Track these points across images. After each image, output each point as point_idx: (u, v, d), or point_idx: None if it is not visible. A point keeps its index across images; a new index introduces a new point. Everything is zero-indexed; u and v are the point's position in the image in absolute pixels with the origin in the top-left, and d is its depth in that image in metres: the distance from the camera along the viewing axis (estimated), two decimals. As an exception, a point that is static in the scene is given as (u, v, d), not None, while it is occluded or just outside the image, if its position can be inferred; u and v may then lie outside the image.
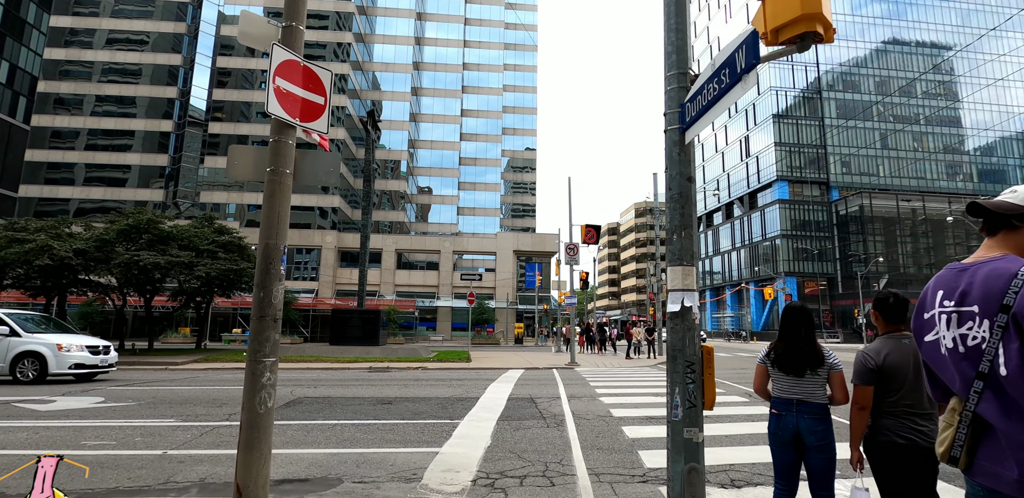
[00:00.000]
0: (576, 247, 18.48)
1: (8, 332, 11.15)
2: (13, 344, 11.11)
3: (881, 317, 2.83)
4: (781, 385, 3.01)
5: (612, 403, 8.69)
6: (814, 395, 2.92)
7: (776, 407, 3.02)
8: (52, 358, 11.13)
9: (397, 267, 50.34)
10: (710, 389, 2.63)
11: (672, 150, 2.76)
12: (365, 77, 55.43)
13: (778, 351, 3.01)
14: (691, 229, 2.68)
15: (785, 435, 2.94)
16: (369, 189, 22.18)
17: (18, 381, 11.08)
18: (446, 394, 9.78)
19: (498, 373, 14.34)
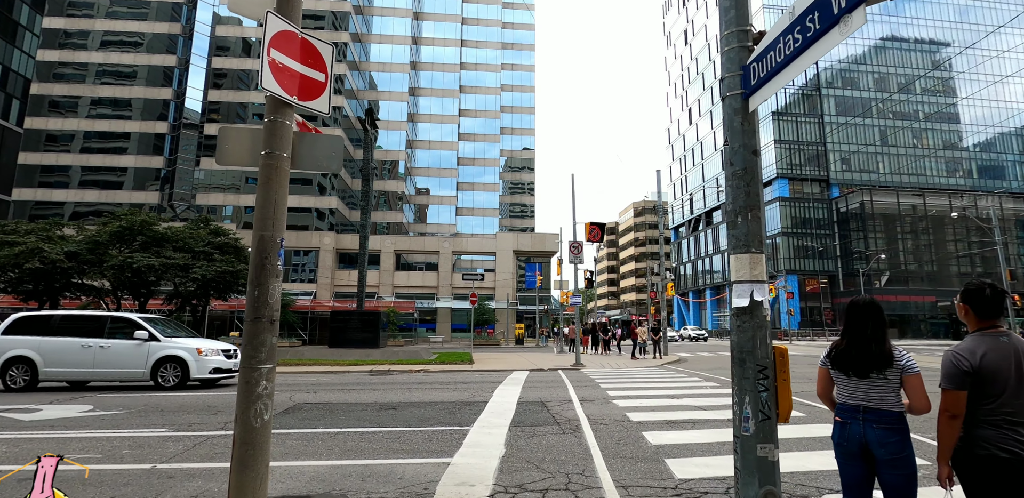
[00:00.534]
0: (580, 245, 18.10)
1: (147, 337, 10.94)
2: (153, 349, 10.93)
3: (972, 311, 2.44)
4: (844, 389, 2.64)
5: (627, 406, 8.30)
6: (885, 401, 2.53)
7: (840, 414, 2.64)
8: (193, 363, 10.99)
9: (396, 268, 49.89)
10: (785, 397, 2.24)
11: (733, 119, 2.37)
12: (362, 77, 55.02)
13: (839, 349, 2.63)
14: (758, 210, 2.30)
15: (851, 446, 2.56)
16: (368, 189, 21.75)
17: (160, 387, 10.95)
18: (452, 398, 9.37)
19: (503, 375, 13.94)
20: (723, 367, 16.53)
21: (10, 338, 10.77)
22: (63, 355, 10.70)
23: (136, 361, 10.82)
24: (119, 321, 11.31)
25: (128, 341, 10.91)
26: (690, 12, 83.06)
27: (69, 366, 10.72)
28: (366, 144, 22.45)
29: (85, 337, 10.85)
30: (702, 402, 8.70)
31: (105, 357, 10.74)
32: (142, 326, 11.08)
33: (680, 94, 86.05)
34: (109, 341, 10.88)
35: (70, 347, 10.73)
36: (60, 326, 11.05)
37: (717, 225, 71.35)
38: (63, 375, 10.88)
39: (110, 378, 11.01)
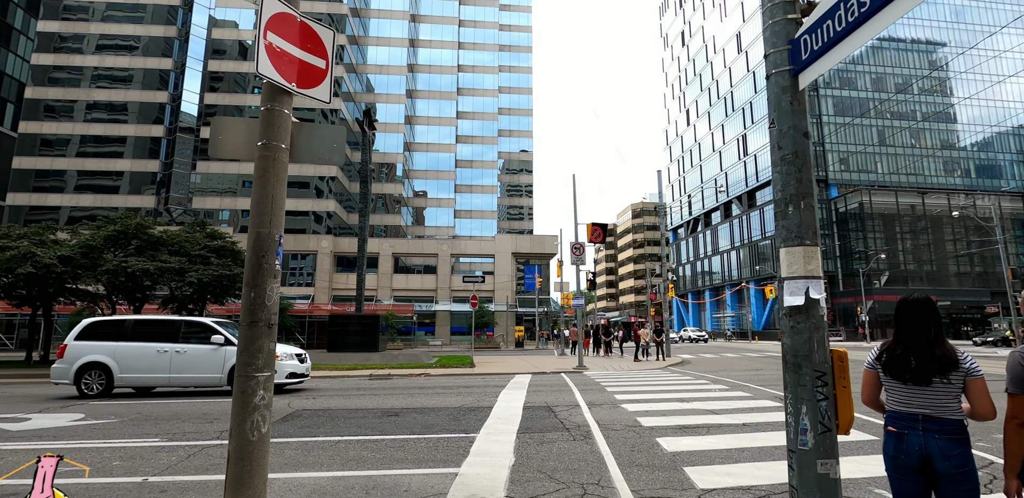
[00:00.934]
0: (582, 246, 17.86)
1: (223, 341, 10.70)
2: (229, 354, 10.64)
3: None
4: (899, 396, 2.37)
5: (637, 411, 8.05)
6: (947, 409, 2.27)
7: (894, 423, 2.36)
8: None
9: (394, 271, 49.59)
10: (845, 407, 2.00)
11: (780, 99, 2.14)
12: (359, 80, 54.83)
13: (893, 353, 2.36)
14: (811, 198, 2.06)
15: (910, 460, 2.28)
16: (366, 191, 21.50)
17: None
18: (456, 403, 9.11)
19: (506, 379, 13.68)
20: (728, 369, 16.29)
21: (84, 344, 10.58)
22: (139, 361, 10.53)
23: (212, 366, 10.60)
24: (192, 325, 11.09)
25: (204, 346, 10.68)
26: (687, 13, 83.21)
27: (145, 372, 10.55)
28: (364, 146, 22.24)
29: (159, 342, 10.66)
30: (714, 406, 8.45)
31: (181, 362, 10.54)
32: (217, 330, 10.83)
33: (678, 95, 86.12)
34: (184, 346, 10.65)
35: (145, 352, 10.55)
36: (134, 331, 10.85)
37: (716, 226, 71.25)
38: (139, 381, 10.71)
39: (186, 384, 10.82)
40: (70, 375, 10.34)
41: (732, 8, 69.33)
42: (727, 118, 70.08)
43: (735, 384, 11.64)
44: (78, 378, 10.36)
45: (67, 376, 10.38)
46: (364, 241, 21.56)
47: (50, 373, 10.71)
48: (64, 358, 10.48)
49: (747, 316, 60.00)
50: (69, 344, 10.58)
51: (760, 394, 9.88)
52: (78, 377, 10.36)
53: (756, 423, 6.96)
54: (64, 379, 10.40)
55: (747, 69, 65.57)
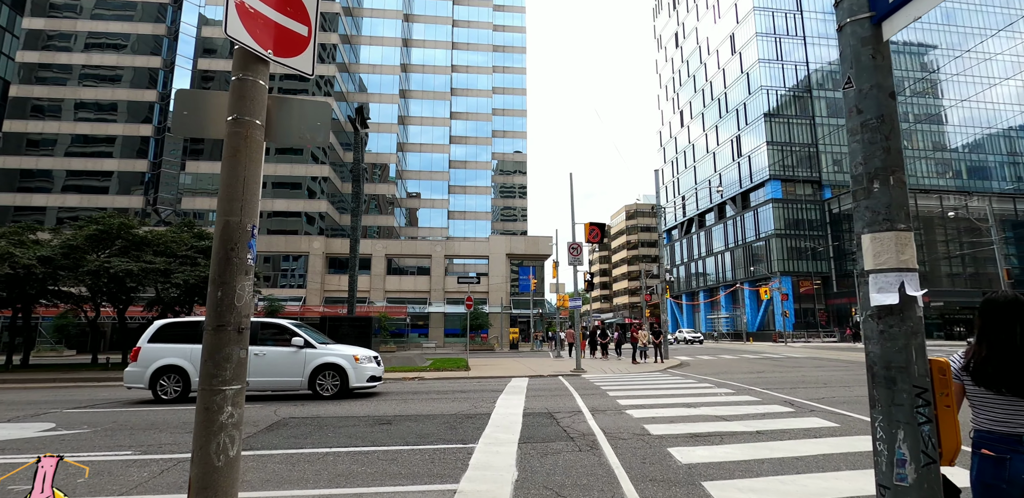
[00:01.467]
0: (580, 247, 17.48)
1: (303, 344, 10.41)
2: (310, 357, 10.37)
3: None
4: (997, 413, 1.99)
5: (643, 417, 7.65)
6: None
7: (990, 446, 1.99)
8: (352, 371, 10.41)
9: (387, 273, 49.04)
10: (950, 431, 1.61)
11: (859, 52, 1.75)
12: (352, 79, 54.28)
13: (981, 359, 2.00)
14: (901, 172, 1.68)
15: (1012, 489, 1.91)
16: (358, 190, 21.03)
17: (317, 396, 10.37)
18: (451, 410, 8.68)
19: (502, 383, 13.25)
20: (729, 372, 15.95)
21: (158, 346, 10.25)
22: None
23: (294, 369, 10.28)
24: (270, 327, 10.77)
25: (284, 348, 10.37)
26: (680, 15, 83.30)
27: None
28: (356, 144, 21.79)
29: None
30: (722, 411, 8.07)
31: (261, 365, 10.18)
32: (296, 332, 10.54)
33: (672, 97, 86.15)
34: (264, 348, 10.32)
35: None
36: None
37: (710, 227, 71.20)
38: None
39: (266, 387, 10.47)
40: (145, 379, 10.02)
41: (726, 9, 69.40)
42: (721, 119, 70.10)
43: (740, 388, 11.28)
44: (153, 382, 10.05)
45: (142, 380, 10.06)
46: (356, 242, 21.08)
47: (123, 377, 10.36)
48: (138, 361, 10.15)
49: (741, 317, 59.89)
50: (143, 347, 10.24)
51: (768, 399, 9.51)
52: (153, 381, 10.05)
53: (771, 431, 6.58)
54: (138, 383, 10.07)
55: (740, 70, 65.61)
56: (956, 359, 2.13)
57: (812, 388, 11.09)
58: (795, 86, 61.93)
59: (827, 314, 56.54)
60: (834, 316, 55.94)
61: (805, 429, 6.67)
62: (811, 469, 4.90)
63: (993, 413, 2.01)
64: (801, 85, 61.96)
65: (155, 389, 10.04)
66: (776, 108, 61.17)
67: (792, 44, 62.96)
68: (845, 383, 12.03)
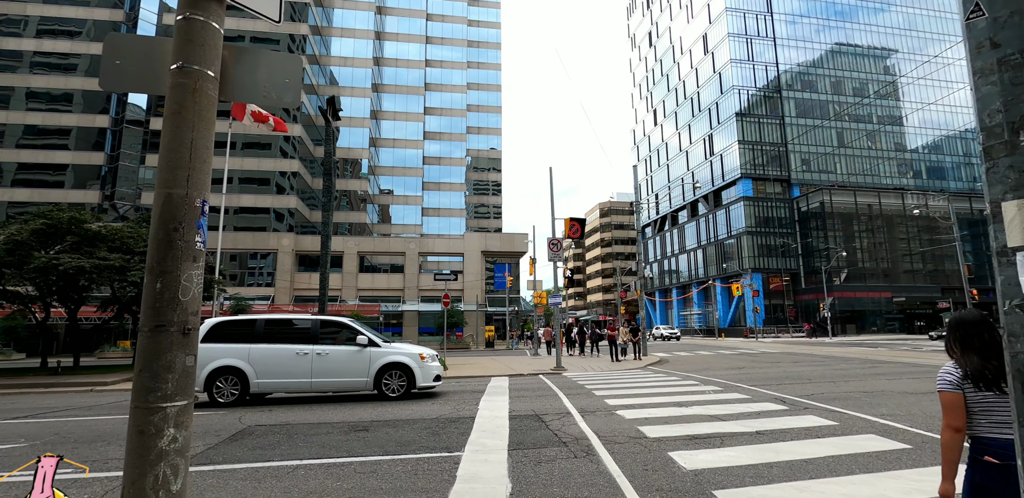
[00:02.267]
0: (560, 243, 17.12)
1: (367, 342, 9.97)
2: (375, 356, 9.96)
3: None
4: (1001, 415, 2.07)
5: (635, 418, 7.30)
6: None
7: (995, 453, 2.04)
8: (418, 370, 10.02)
9: (359, 270, 47.97)
10: None
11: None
12: (323, 72, 52.82)
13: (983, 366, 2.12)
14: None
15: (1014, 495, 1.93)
16: (330, 184, 20.20)
17: (383, 397, 9.94)
18: (433, 413, 8.18)
19: (483, 383, 12.79)
20: (711, 368, 15.84)
21: (214, 346, 9.64)
22: (276, 364, 9.66)
23: (358, 369, 9.84)
24: (330, 325, 10.26)
25: (347, 347, 9.92)
26: (654, 14, 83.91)
27: (283, 376, 9.68)
28: (328, 136, 20.93)
29: (296, 343, 9.80)
30: (715, 410, 7.79)
31: (324, 365, 9.73)
32: (359, 331, 10.13)
33: (645, 95, 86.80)
34: (327, 348, 9.84)
35: (283, 355, 9.68)
36: (267, 332, 9.92)
37: (683, 225, 72.02)
38: (277, 386, 9.82)
39: (329, 388, 10.00)
40: (200, 381, 9.41)
41: (699, 10, 70.14)
42: (693, 118, 70.90)
43: (727, 385, 11.08)
44: (209, 384, 9.48)
45: (197, 382, 9.26)
46: (328, 238, 20.25)
47: None
48: None
49: (713, 314, 60.75)
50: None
51: (758, 396, 9.30)
52: (209, 383, 9.48)
53: (771, 431, 6.30)
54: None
55: (713, 70, 66.40)
56: (944, 375, 2.22)
57: (798, 384, 10.96)
58: (765, 86, 63.00)
59: (796, 310, 57.82)
60: (802, 312, 57.22)
61: (805, 428, 6.41)
62: (823, 473, 4.60)
63: (996, 416, 2.08)
64: (771, 86, 63.07)
65: (211, 391, 9.50)
66: (747, 108, 62.13)
67: (762, 45, 64.01)
68: (829, 378, 11.97)
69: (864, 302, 55.29)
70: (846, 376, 12.44)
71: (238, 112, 21.14)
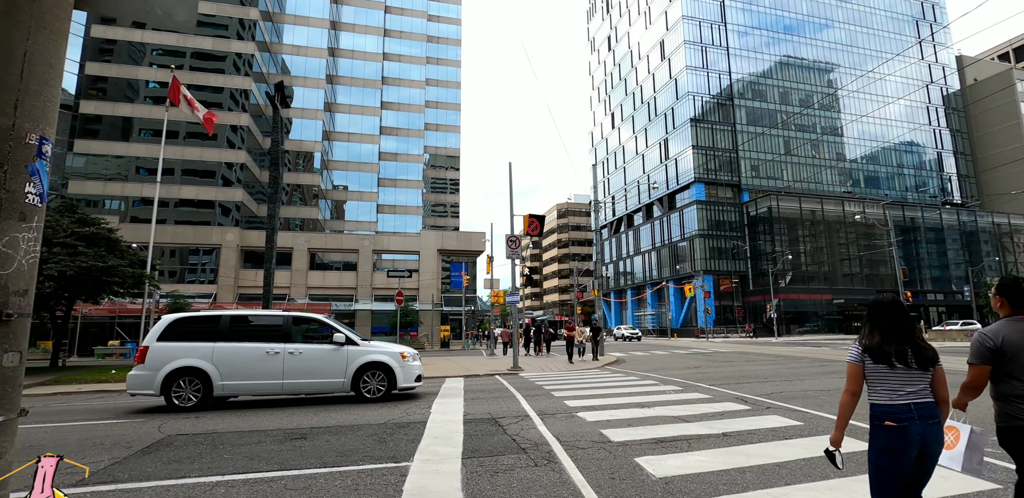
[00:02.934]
0: (518, 239, 16.69)
1: (344, 340, 9.18)
2: (353, 355, 9.16)
3: (1008, 302, 2.80)
4: (893, 384, 2.58)
5: (597, 420, 6.93)
6: (929, 396, 2.59)
7: (890, 416, 2.54)
8: (399, 370, 9.28)
9: (310, 268, 46.19)
10: None
11: None
12: (274, 60, 50.58)
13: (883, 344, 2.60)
14: None
15: (911, 450, 2.49)
16: (276, 174, 19.06)
17: (362, 399, 9.16)
18: (380, 418, 7.55)
19: (436, 384, 12.20)
20: (667, 367, 15.80)
21: (170, 345, 8.71)
22: (244, 365, 8.74)
23: (335, 369, 9.05)
24: (303, 322, 9.48)
25: (323, 346, 9.13)
26: (613, 19, 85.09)
27: (251, 378, 8.77)
28: (275, 124, 19.77)
29: (267, 342, 8.93)
30: (678, 411, 7.52)
31: (297, 365, 8.90)
32: (335, 328, 9.35)
33: (604, 98, 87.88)
34: (300, 346, 9.00)
35: (251, 354, 8.79)
36: (233, 329, 8.99)
37: (638, 227, 73.25)
38: (244, 389, 8.86)
39: (302, 390, 9.15)
40: (155, 384, 8.52)
41: (656, 16, 71.56)
42: (650, 123, 72.25)
43: (686, 384, 10.92)
44: (167, 387, 8.55)
45: (151, 385, 8.54)
46: (273, 231, 19.12)
47: (126, 382, 8.61)
48: (145, 363, 8.58)
49: (667, 314, 62.02)
50: (151, 346, 8.69)
51: (719, 395, 9.14)
52: (167, 386, 8.55)
53: (736, 432, 6.05)
54: (147, 389, 8.54)
55: (669, 76, 67.85)
56: (855, 347, 2.67)
57: (756, 383, 10.93)
58: (719, 94, 64.87)
59: (744, 311, 59.72)
60: (750, 313, 59.17)
61: (771, 429, 6.19)
62: (798, 478, 4.32)
63: (889, 384, 2.54)
64: (724, 93, 64.99)
65: (169, 395, 8.58)
66: (701, 114, 63.80)
67: (717, 54, 65.89)
68: (784, 377, 12.04)
69: (806, 303, 57.67)
70: (800, 374, 12.57)
71: (174, 95, 19.71)
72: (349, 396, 9.68)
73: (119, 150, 42.17)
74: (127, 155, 42.40)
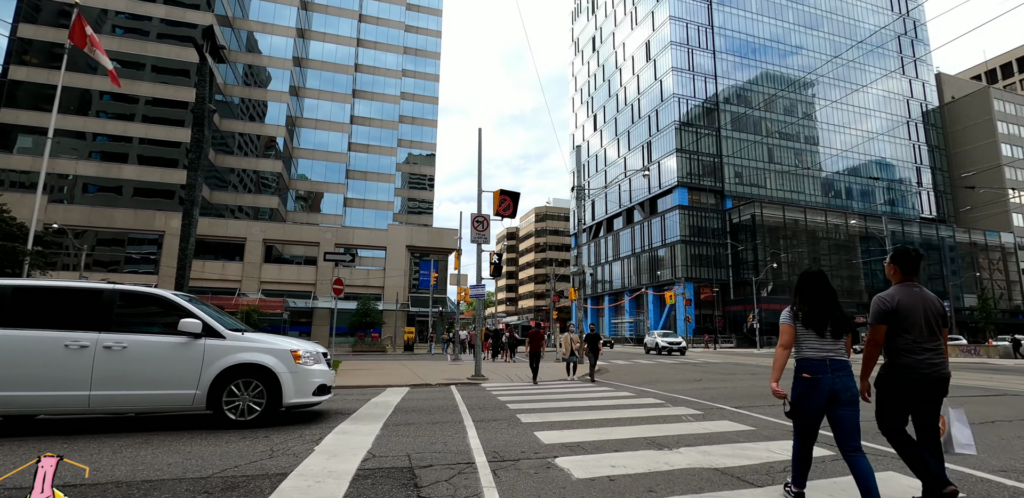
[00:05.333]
0: (486, 220, 13.71)
1: (200, 330, 5.89)
2: (214, 353, 5.90)
3: (899, 269, 3.33)
4: (814, 344, 3.17)
5: (593, 475, 3.96)
6: (843, 353, 3.19)
7: (809, 370, 3.15)
8: (287, 377, 6.03)
9: (265, 261, 42.39)
10: None
11: None
12: (236, 36, 46.78)
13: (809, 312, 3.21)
14: None
15: (823, 396, 3.10)
16: (201, 136, 15.68)
17: (226, 422, 5.85)
18: (219, 461, 4.42)
19: (363, 397, 9.08)
20: (661, 380, 12.96)
21: None
22: (26, 364, 5.42)
23: (181, 375, 5.79)
24: (136, 301, 6.09)
25: (164, 338, 5.86)
26: (599, 20, 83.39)
27: (39, 386, 5.42)
28: (203, 77, 16.41)
29: (70, 329, 5.59)
30: (720, 457, 4.60)
31: (117, 367, 5.61)
32: (187, 310, 5.99)
33: (586, 100, 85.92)
34: (125, 337, 5.71)
35: (41, 348, 5.47)
36: (15, 308, 5.56)
37: (618, 232, 71.03)
38: (28, 403, 5.42)
39: (124, 406, 5.74)
40: None
41: (643, 17, 69.94)
42: (633, 125, 70.34)
43: (703, 406, 8.03)
44: None
45: None
46: (193, 204, 15.76)
47: None
48: None
49: (644, 322, 59.64)
50: None
51: (763, 426, 6.25)
52: None
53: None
54: None
55: (654, 77, 66.09)
56: (786, 312, 3.30)
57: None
58: (704, 98, 63.28)
59: (724, 320, 57.73)
60: (730, 322, 57.21)
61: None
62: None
63: (811, 344, 3.18)
64: (710, 98, 63.45)
65: None
66: (686, 117, 62.05)
67: (703, 57, 64.42)
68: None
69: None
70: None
71: (77, 35, 16.23)
72: (209, 417, 6.36)
73: (45, 121, 37.86)
74: (60, 127, 38.11)
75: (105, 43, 39.08)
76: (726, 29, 66.01)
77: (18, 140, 38.05)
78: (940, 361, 3.07)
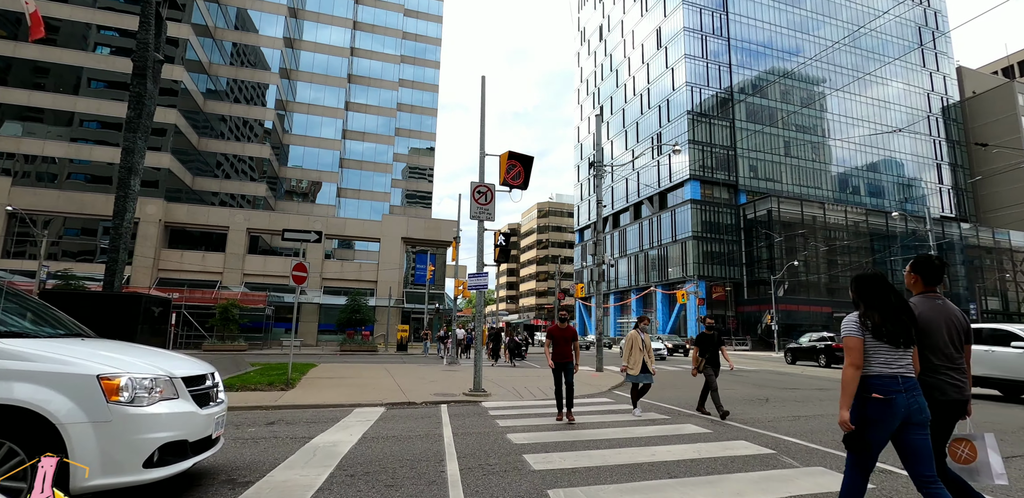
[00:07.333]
0: (490, 190, 10.75)
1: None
2: None
3: (921, 279, 2.95)
4: (886, 358, 2.68)
5: None
6: (912, 369, 2.72)
7: (880, 389, 2.64)
8: (86, 434, 2.80)
9: (249, 252, 39.59)
10: None
11: None
12: (223, 11, 43.73)
13: (883, 323, 2.68)
14: None
15: (895, 421, 2.62)
16: (142, 91, 12.78)
17: None
18: None
19: (316, 425, 6.16)
20: (686, 387, 9.98)
21: None
22: None
23: None
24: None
25: None
26: (607, 7, 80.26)
27: None
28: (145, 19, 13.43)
29: None
30: None
31: None
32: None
33: (592, 91, 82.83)
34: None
35: None
36: None
37: (625, 228, 68.06)
38: None
39: None
40: None
41: (653, 3, 66.81)
42: (642, 116, 67.30)
43: (808, 450, 5.07)
44: None
45: None
46: (131, 172, 12.91)
47: None
48: None
49: (653, 322, 56.69)
50: None
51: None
52: None
53: None
54: None
55: (666, 65, 62.99)
56: (852, 323, 2.73)
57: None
58: (718, 87, 60.24)
59: (737, 321, 54.79)
60: (743, 324, 54.27)
61: None
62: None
63: (882, 358, 2.67)
64: (724, 86, 60.41)
65: None
66: (699, 106, 59.01)
67: (717, 44, 61.36)
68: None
69: (802, 316, 52.96)
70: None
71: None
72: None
73: (18, 98, 34.93)
74: (28, 104, 35.17)
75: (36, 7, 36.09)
76: (740, 15, 62.90)
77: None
78: (963, 382, 2.79)
